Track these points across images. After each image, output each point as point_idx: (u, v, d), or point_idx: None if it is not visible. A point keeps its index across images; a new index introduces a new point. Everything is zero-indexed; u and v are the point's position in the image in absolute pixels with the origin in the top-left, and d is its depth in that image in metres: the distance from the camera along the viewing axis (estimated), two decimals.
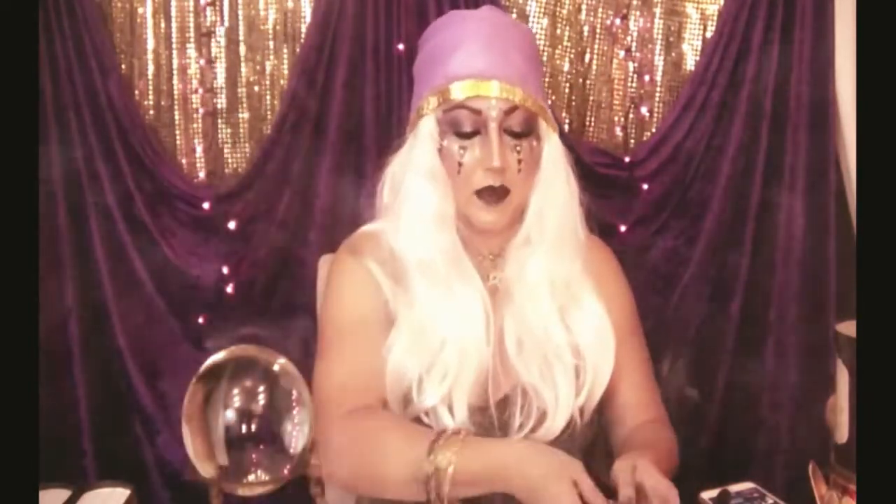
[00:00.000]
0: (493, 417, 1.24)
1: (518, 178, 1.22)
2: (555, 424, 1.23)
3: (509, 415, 1.24)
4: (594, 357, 1.27)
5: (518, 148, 1.21)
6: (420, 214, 1.23)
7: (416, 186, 1.24)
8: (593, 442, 1.32)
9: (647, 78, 2.12)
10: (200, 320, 2.03)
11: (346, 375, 1.21)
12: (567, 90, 2.11)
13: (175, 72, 2.02)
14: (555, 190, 1.26)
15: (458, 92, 1.20)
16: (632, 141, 2.13)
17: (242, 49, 2.03)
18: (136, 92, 2.02)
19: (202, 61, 2.03)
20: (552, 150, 1.26)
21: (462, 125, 1.21)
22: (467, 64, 1.20)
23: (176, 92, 2.03)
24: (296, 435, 0.93)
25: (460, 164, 1.21)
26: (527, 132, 1.22)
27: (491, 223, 1.24)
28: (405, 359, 1.23)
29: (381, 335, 1.24)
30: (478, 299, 1.25)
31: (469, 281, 1.25)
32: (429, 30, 1.31)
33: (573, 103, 2.11)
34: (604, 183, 2.07)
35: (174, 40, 2.01)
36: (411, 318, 1.24)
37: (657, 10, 2.10)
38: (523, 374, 1.24)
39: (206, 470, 0.91)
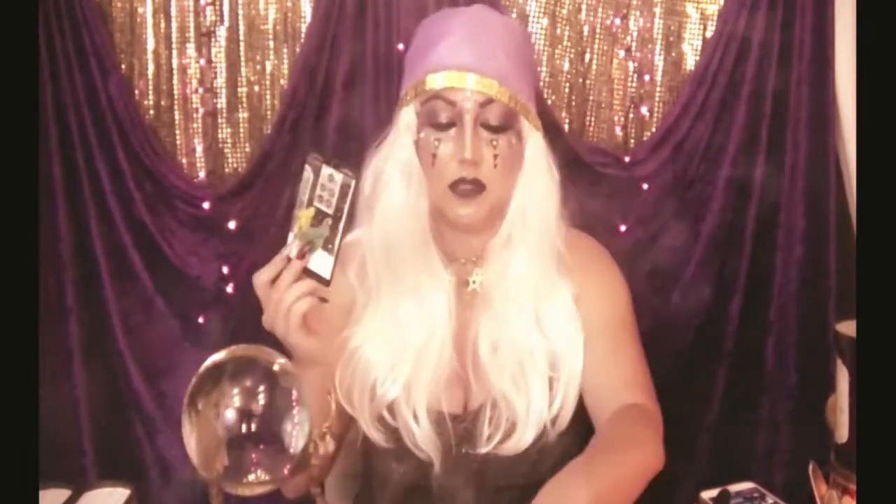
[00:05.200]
0: (450, 429, 1.22)
1: (494, 173, 1.21)
2: (524, 436, 1.21)
3: (478, 426, 1.23)
4: (568, 366, 1.24)
5: (494, 142, 1.20)
6: (392, 208, 1.23)
7: (390, 180, 1.23)
8: (572, 453, 1.25)
9: (647, 78, 2.11)
10: (200, 320, 2.03)
11: None
12: (567, 90, 2.10)
13: (175, 72, 2.02)
14: (538, 189, 1.24)
15: (434, 82, 1.19)
16: (632, 141, 2.13)
17: (242, 49, 2.03)
18: (136, 92, 2.02)
19: (202, 61, 2.03)
20: (535, 149, 1.24)
21: (437, 116, 1.20)
22: (445, 56, 1.20)
23: (176, 92, 2.03)
24: (296, 435, 0.93)
25: (434, 157, 1.20)
26: (504, 127, 1.20)
27: (467, 217, 1.22)
28: (370, 353, 1.23)
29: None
30: (442, 300, 1.24)
31: (435, 280, 1.24)
32: (419, 27, 1.31)
33: (573, 103, 2.11)
34: (604, 183, 2.07)
35: (174, 40, 2.01)
36: (377, 313, 1.24)
37: (657, 10, 2.09)
38: (495, 379, 1.22)
39: (206, 470, 0.91)
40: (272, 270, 1.07)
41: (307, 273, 1.05)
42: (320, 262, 1.05)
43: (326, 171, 1.05)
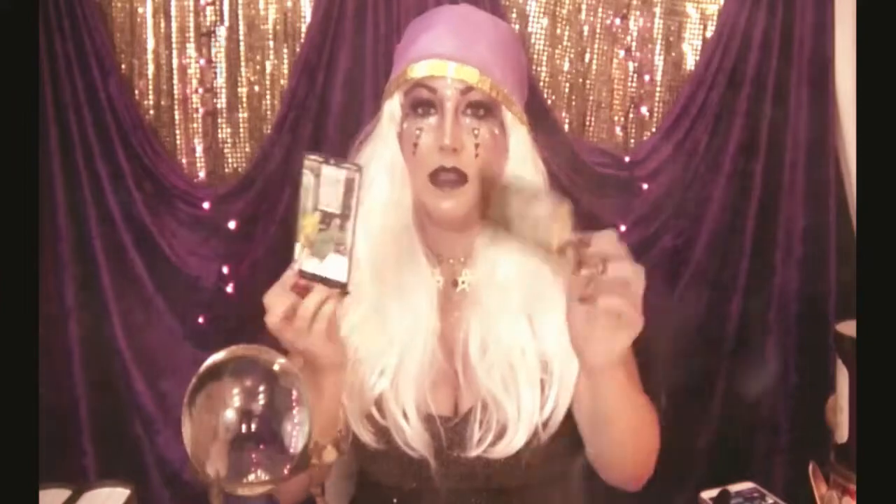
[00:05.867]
0: (441, 431, 1.21)
1: (476, 163, 1.19)
2: (515, 439, 1.19)
3: (468, 428, 1.21)
4: (561, 368, 1.22)
5: (476, 131, 1.19)
6: (376, 204, 1.22)
7: (375, 175, 1.22)
8: (564, 459, 1.25)
9: (647, 78, 2.12)
10: (200, 320, 2.03)
11: None
12: (567, 90, 2.11)
13: (175, 72, 2.03)
14: None
15: (415, 71, 1.19)
16: (632, 141, 2.13)
17: (242, 49, 2.03)
18: (136, 92, 2.02)
19: (202, 61, 2.03)
20: (519, 143, 1.23)
21: (419, 104, 1.20)
22: (427, 46, 1.20)
23: (176, 92, 2.03)
24: (296, 435, 0.93)
25: (416, 146, 1.19)
26: (485, 116, 1.19)
27: (448, 211, 1.20)
28: (359, 347, 1.22)
29: None
30: (426, 298, 1.23)
31: (420, 278, 1.23)
32: (407, 27, 1.31)
33: (573, 103, 2.11)
34: (604, 183, 2.07)
35: (174, 40, 2.02)
36: (360, 309, 1.23)
37: (657, 10, 2.10)
38: (485, 381, 1.20)
39: (206, 470, 0.91)
40: (283, 288, 1.05)
41: (322, 281, 1.02)
42: (334, 265, 1.02)
43: (327, 170, 1.01)
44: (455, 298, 1.27)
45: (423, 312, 1.22)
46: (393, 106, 1.23)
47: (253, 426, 0.91)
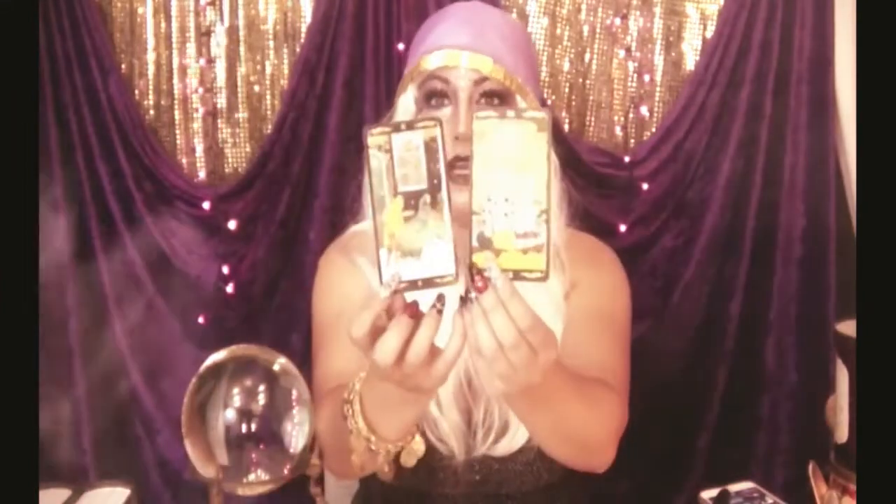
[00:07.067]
0: (473, 426, 1.20)
1: None
2: (518, 435, 1.19)
3: (473, 429, 1.20)
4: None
5: None
6: None
7: None
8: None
9: (647, 78, 2.12)
10: (200, 320, 2.03)
11: (326, 371, 1.21)
12: (567, 90, 2.11)
13: (175, 72, 2.03)
14: None
15: (428, 63, 1.19)
16: (632, 141, 2.13)
17: (242, 49, 2.03)
18: (136, 92, 2.02)
19: (202, 61, 2.03)
20: None
21: (433, 95, 1.20)
22: (440, 38, 1.20)
23: (176, 92, 2.03)
24: (296, 434, 0.93)
25: None
26: (499, 105, 1.19)
27: (464, 205, 1.21)
28: None
29: None
30: (445, 291, 1.22)
31: None
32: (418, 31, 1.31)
33: (573, 103, 2.11)
34: (604, 183, 2.07)
35: (174, 40, 2.02)
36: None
37: (657, 10, 2.10)
38: (486, 377, 1.20)
39: (206, 470, 0.91)
40: (373, 316, 0.85)
41: (427, 283, 0.82)
42: (435, 256, 0.82)
43: (400, 138, 0.82)
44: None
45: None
46: (407, 100, 1.23)
47: (253, 426, 0.91)
